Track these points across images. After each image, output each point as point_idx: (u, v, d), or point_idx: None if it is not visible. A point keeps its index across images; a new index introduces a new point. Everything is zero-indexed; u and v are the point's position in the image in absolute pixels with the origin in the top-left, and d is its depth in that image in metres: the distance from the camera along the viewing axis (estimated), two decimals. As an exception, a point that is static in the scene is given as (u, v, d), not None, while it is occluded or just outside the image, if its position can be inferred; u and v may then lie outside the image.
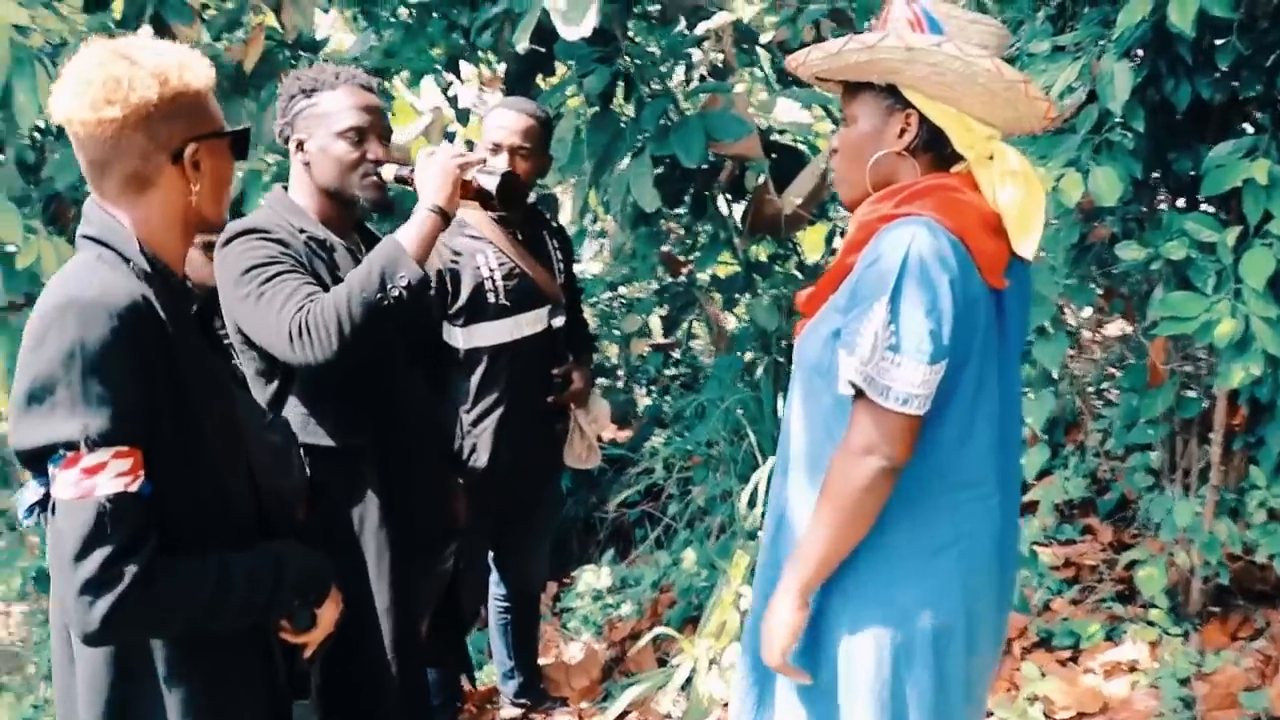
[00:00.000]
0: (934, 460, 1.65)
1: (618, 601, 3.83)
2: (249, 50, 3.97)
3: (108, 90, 1.44)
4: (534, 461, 2.92)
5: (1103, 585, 3.22)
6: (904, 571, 1.67)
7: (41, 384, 1.35)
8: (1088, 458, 3.56)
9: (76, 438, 1.34)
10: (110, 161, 1.47)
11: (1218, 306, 2.40)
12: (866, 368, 1.56)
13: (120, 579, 1.36)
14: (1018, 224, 1.63)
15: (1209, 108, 2.57)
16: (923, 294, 1.55)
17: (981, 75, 1.57)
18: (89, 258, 1.46)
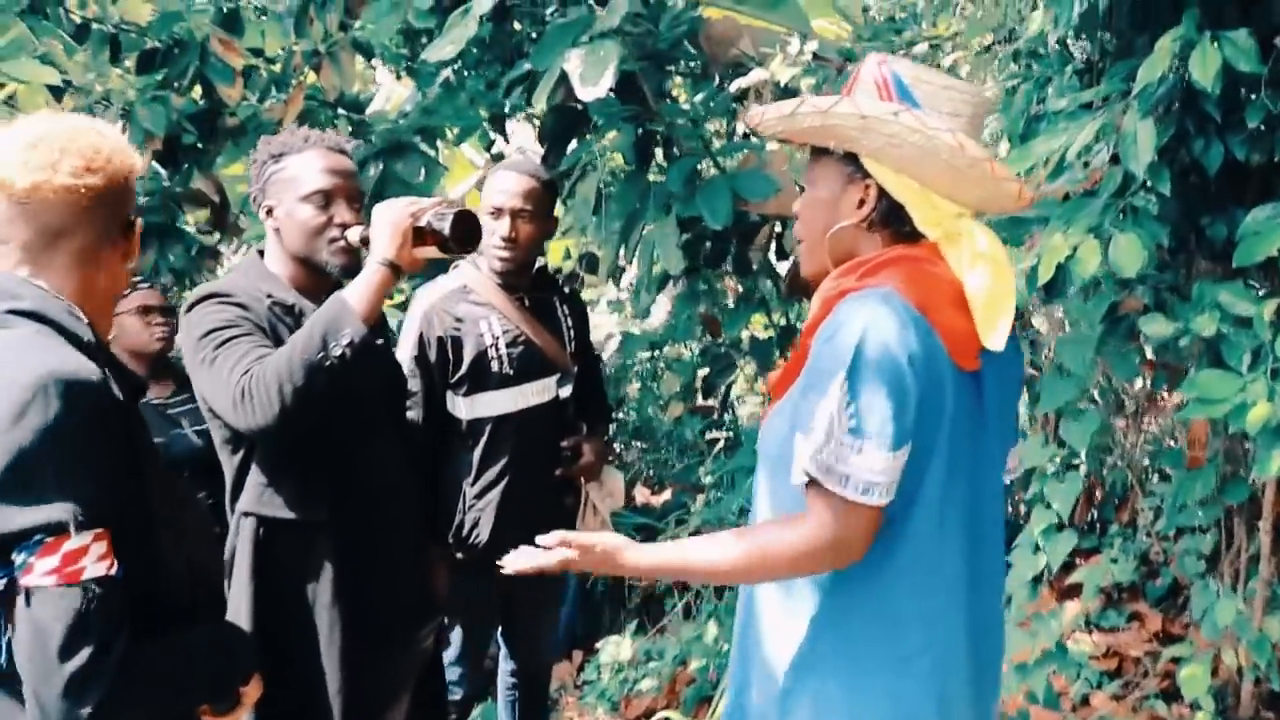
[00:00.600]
0: (901, 559, 1.51)
1: (638, 676, 3.69)
2: (288, 110, 4.02)
3: (88, 159, 1.41)
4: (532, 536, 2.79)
5: (1147, 681, 2.97)
6: (872, 685, 1.52)
7: (21, 463, 1.26)
8: (1138, 537, 3.32)
9: (64, 519, 1.27)
10: (70, 231, 1.42)
11: (1252, 387, 2.19)
12: (821, 455, 1.43)
13: (108, 671, 1.29)
14: (985, 313, 1.50)
15: (1246, 169, 2.38)
16: (883, 372, 1.42)
17: (943, 150, 1.46)
18: (27, 334, 1.37)
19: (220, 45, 3.87)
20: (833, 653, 1.52)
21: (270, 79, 4.17)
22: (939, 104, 1.52)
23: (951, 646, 1.55)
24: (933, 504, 1.51)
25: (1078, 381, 2.53)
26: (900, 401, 1.42)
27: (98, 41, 4.21)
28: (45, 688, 1.27)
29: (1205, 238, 2.46)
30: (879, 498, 1.43)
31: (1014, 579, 2.58)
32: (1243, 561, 2.72)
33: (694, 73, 4.10)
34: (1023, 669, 2.60)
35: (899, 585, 1.52)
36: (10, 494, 1.26)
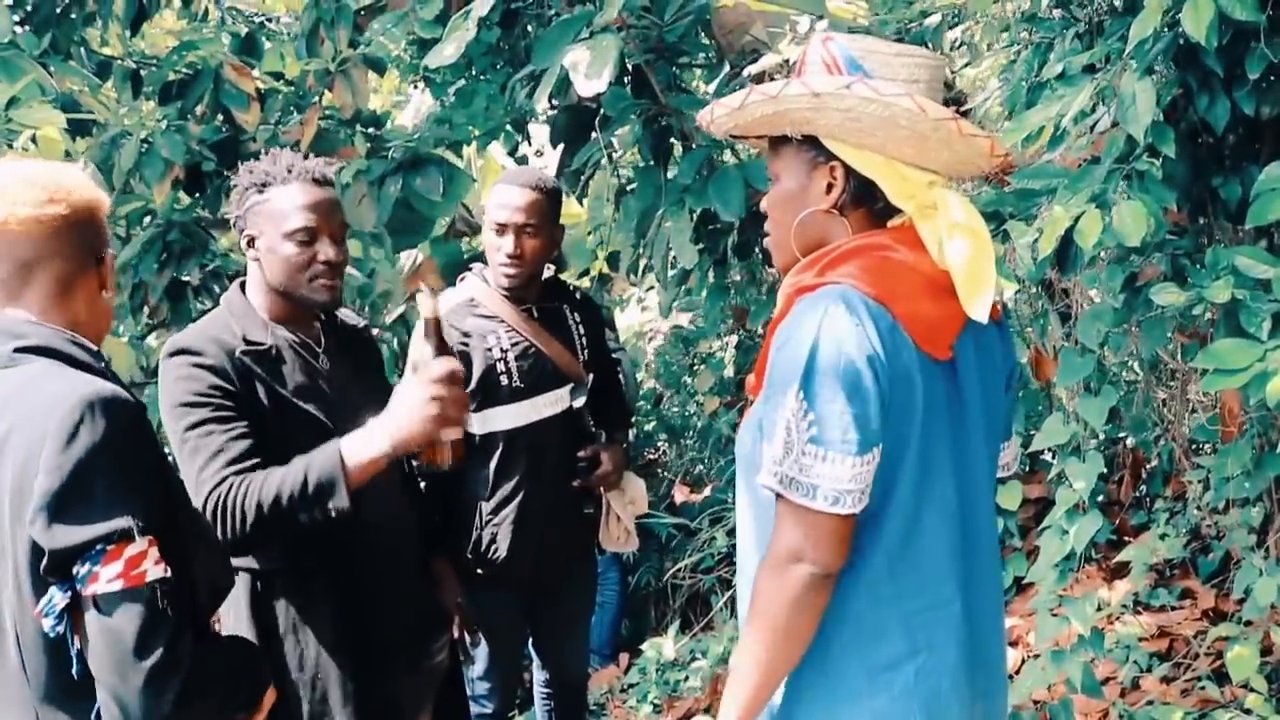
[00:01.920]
0: (876, 564, 1.45)
1: (682, 676, 3.65)
2: (305, 130, 4.04)
3: (49, 191, 1.47)
4: (560, 549, 2.77)
5: (1199, 662, 2.85)
6: (852, 699, 1.46)
7: (78, 480, 1.34)
8: (1189, 511, 3.19)
9: (127, 526, 1.35)
10: (40, 261, 1.48)
11: (1273, 355, 2.07)
12: (782, 467, 1.38)
13: (182, 664, 1.38)
14: (966, 282, 1.43)
15: (1258, 124, 2.25)
16: (839, 377, 1.36)
17: (903, 116, 1.40)
18: (40, 368, 1.44)
19: (233, 71, 3.91)
20: (808, 666, 1.45)
21: (287, 101, 4.20)
22: (894, 72, 1.47)
23: (940, 650, 1.48)
24: (906, 504, 1.45)
25: (1093, 357, 2.42)
26: (861, 405, 1.37)
27: (121, 78, 4.29)
28: (125, 687, 1.35)
29: (1220, 199, 2.34)
30: (850, 507, 1.37)
31: (1042, 564, 2.48)
32: (1288, 535, 2.59)
33: (709, 63, 4.04)
34: (1058, 655, 2.50)
35: (874, 590, 1.46)
36: (71, 510, 1.34)
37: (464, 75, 4.35)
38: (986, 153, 1.47)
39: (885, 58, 1.48)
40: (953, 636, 1.48)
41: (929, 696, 1.46)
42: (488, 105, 4.26)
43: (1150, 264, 2.47)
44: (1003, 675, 1.64)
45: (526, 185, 2.62)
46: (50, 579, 1.36)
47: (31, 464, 1.35)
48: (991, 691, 1.58)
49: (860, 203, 1.51)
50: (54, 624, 1.36)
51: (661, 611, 4.24)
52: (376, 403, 2.28)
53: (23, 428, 1.37)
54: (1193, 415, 3.37)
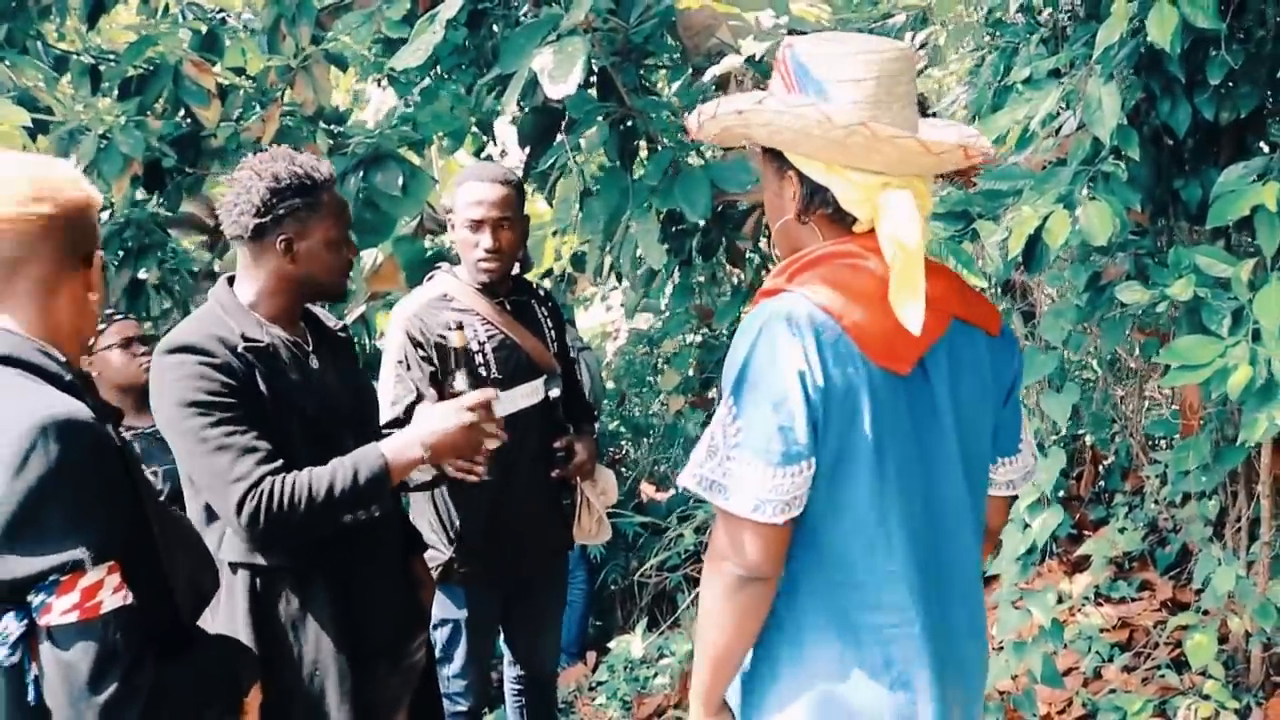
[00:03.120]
0: (843, 576, 1.45)
1: (650, 674, 3.67)
2: (267, 127, 4.00)
3: (36, 188, 1.42)
4: (537, 540, 2.79)
5: (1158, 651, 2.92)
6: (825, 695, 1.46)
7: (30, 509, 1.29)
8: (1146, 505, 3.27)
9: (80, 557, 1.31)
10: (26, 260, 1.42)
11: (1233, 351, 2.14)
12: (703, 469, 1.40)
13: (139, 697, 1.33)
14: (894, 294, 1.38)
15: (1217, 128, 2.32)
16: (769, 386, 1.36)
17: (813, 126, 1.38)
18: (5, 380, 1.38)
19: (194, 68, 3.87)
20: (787, 660, 1.48)
21: (249, 98, 4.15)
22: (839, 74, 1.42)
23: (911, 665, 1.46)
24: (865, 519, 1.43)
25: (1056, 355, 2.47)
26: (787, 418, 1.36)
27: (78, 72, 4.22)
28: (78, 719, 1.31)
29: (1181, 201, 2.41)
30: (771, 516, 1.36)
31: (1004, 557, 2.53)
32: (1245, 525, 2.67)
33: (673, 64, 4.06)
34: (1020, 647, 2.56)
35: (850, 600, 1.46)
36: (22, 540, 1.29)
37: (429, 75, 4.33)
38: (920, 151, 1.40)
39: (831, 59, 1.43)
40: (924, 651, 1.47)
41: (900, 706, 1.45)
42: (452, 106, 4.25)
43: (1113, 263, 2.54)
44: (980, 684, 1.62)
45: (497, 180, 2.65)
46: (5, 606, 1.32)
47: None
48: (968, 700, 1.56)
49: (820, 208, 1.48)
50: (8, 653, 1.32)
51: (628, 610, 4.26)
52: (361, 402, 2.29)
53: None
54: (1149, 412, 3.46)
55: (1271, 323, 2.06)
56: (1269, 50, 2.16)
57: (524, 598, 2.86)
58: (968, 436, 1.51)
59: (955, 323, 1.49)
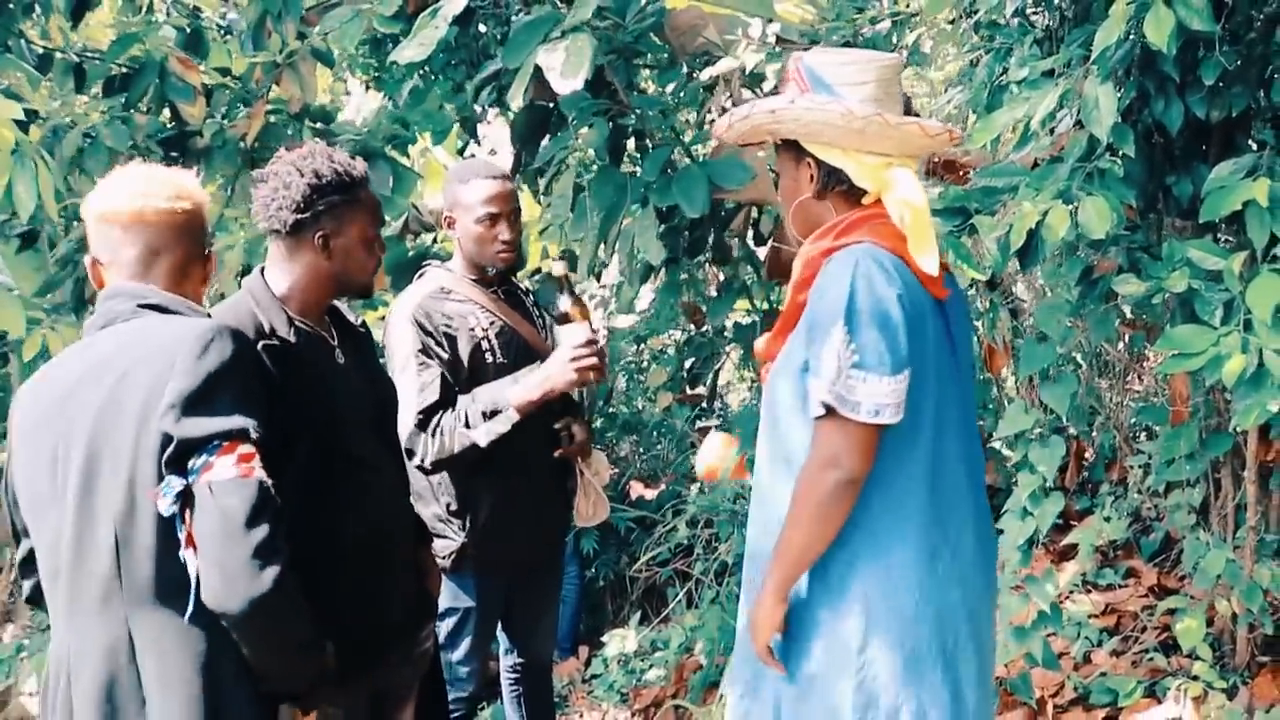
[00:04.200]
0: (913, 469, 1.73)
1: (645, 667, 3.71)
2: (251, 124, 4.00)
3: (178, 189, 1.75)
4: (543, 523, 2.84)
5: (1146, 635, 3.01)
6: (901, 578, 1.72)
7: (208, 384, 1.55)
8: (1130, 495, 3.36)
9: (243, 426, 1.55)
10: (167, 249, 1.72)
11: (1226, 340, 2.22)
12: (835, 387, 1.64)
13: (283, 550, 1.54)
14: (914, 245, 1.73)
15: (1208, 126, 2.41)
16: (874, 311, 1.65)
17: (837, 119, 1.72)
18: (160, 319, 1.66)
19: (179, 64, 3.86)
20: (866, 553, 1.72)
21: (235, 96, 4.15)
22: (845, 79, 1.76)
23: (964, 541, 1.77)
24: (930, 415, 1.73)
25: (1054, 345, 2.55)
26: (892, 333, 1.64)
27: (62, 71, 4.20)
28: (231, 556, 1.50)
29: (1173, 196, 2.49)
30: (889, 417, 1.64)
31: (1006, 544, 2.61)
32: (1230, 511, 2.76)
33: (661, 64, 4.11)
34: (1020, 632, 2.63)
35: (912, 489, 1.73)
36: (199, 407, 1.54)
37: (417, 73, 4.35)
38: (920, 134, 1.75)
39: (836, 66, 1.78)
40: (970, 534, 1.79)
41: (961, 573, 1.76)
42: (441, 104, 4.27)
43: (1104, 257, 2.62)
44: (995, 573, 1.94)
45: (503, 176, 2.79)
46: (168, 470, 1.52)
47: (161, 380, 1.54)
48: (992, 584, 1.91)
49: (835, 187, 1.81)
50: (171, 503, 1.51)
51: (619, 605, 4.30)
52: (383, 398, 2.32)
53: (149, 359, 1.56)
54: (1131, 405, 3.56)
55: (1263, 313, 2.14)
56: (1259, 52, 2.24)
57: (525, 584, 2.91)
58: (966, 356, 1.89)
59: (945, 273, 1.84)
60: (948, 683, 1.71)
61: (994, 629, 1.89)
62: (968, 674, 1.75)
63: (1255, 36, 2.25)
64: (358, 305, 4.60)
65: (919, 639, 1.70)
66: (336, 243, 2.09)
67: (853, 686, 1.72)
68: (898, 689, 1.70)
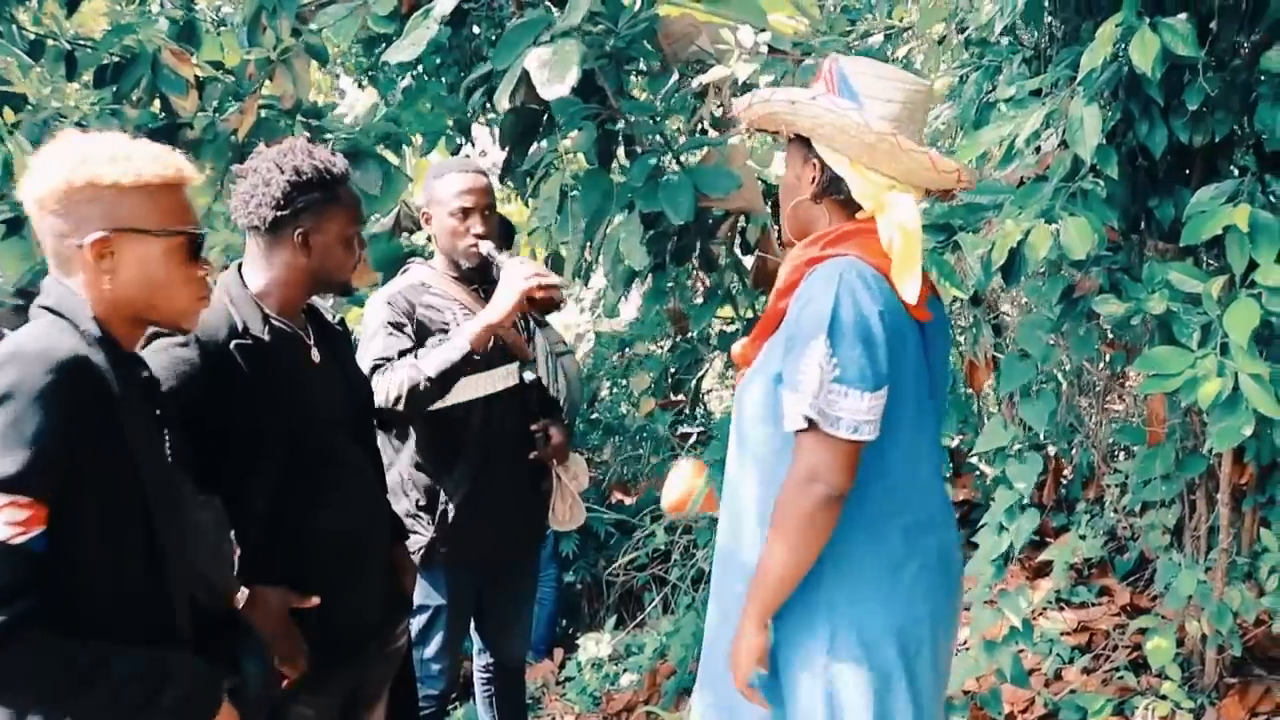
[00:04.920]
0: (886, 484, 1.74)
1: (618, 671, 3.72)
2: (244, 119, 4.00)
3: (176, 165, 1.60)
4: (517, 523, 2.85)
5: (1117, 653, 3.03)
6: (870, 593, 1.73)
7: None
8: (1106, 514, 3.38)
9: None
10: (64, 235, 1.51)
11: (1203, 363, 2.24)
12: (816, 400, 1.63)
13: (25, 633, 1.32)
14: (897, 271, 1.71)
15: (1190, 151, 2.43)
16: (856, 326, 1.64)
17: (851, 128, 1.69)
18: (42, 323, 1.49)
19: (172, 57, 3.85)
20: (831, 567, 1.71)
21: (227, 90, 4.15)
22: (874, 92, 1.74)
23: (929, 555, 1.78)
24: (908, 436, 1.75)
25: (1035, 363, 2.57)
26: (873, 349, 1.64)
27: (53, 58, 4.19)
28: None
29: (1154, 219, 2.51)
30: (868, 434, 1.64)
31: (980, 559, 2.62)
32: (1204, 532, 2.78)
33: (652, 71, 4.12)
34: (991, 646, 2.65)
35: (886, 506, 1.74)
36: None
37: (411, 73, 4.35)
38: (929, 167, 1.72)
39: (870, 78, 1.76)
40: (935, 543, 1.80)
41: (927, 588, 1.76)
42: (433, 105, 4.27)
43: (1086, 277, 2.64)
44: (961, 584, 1.94)
45: (478, 171, 2.82)
46: None
47: None
48: (959, 593, 1.92)
49: (830, 193, 1.80)
50: None
51: (595, 609, 4.30)
52: (359, 397, 2.32)
53: None
54: (1110, 424, 3.58)
55: (1240, 337, 2.16)
56: (1242, 79, 2.26)
57: (498, 584, 2.92)
58: (941, 376, 1.89)
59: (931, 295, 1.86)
60: (910, 697, 1.72)
61: (953, 645, 1.90)
62: (928, 689, 1.76)
63: (1239, 63, 2.27)
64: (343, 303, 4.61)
65: (885, 654, 1.71)
66: (315, 240, 2.08)
67: (820, 701, 1.72)
68: (864, 704, 1.70)
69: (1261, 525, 2.65)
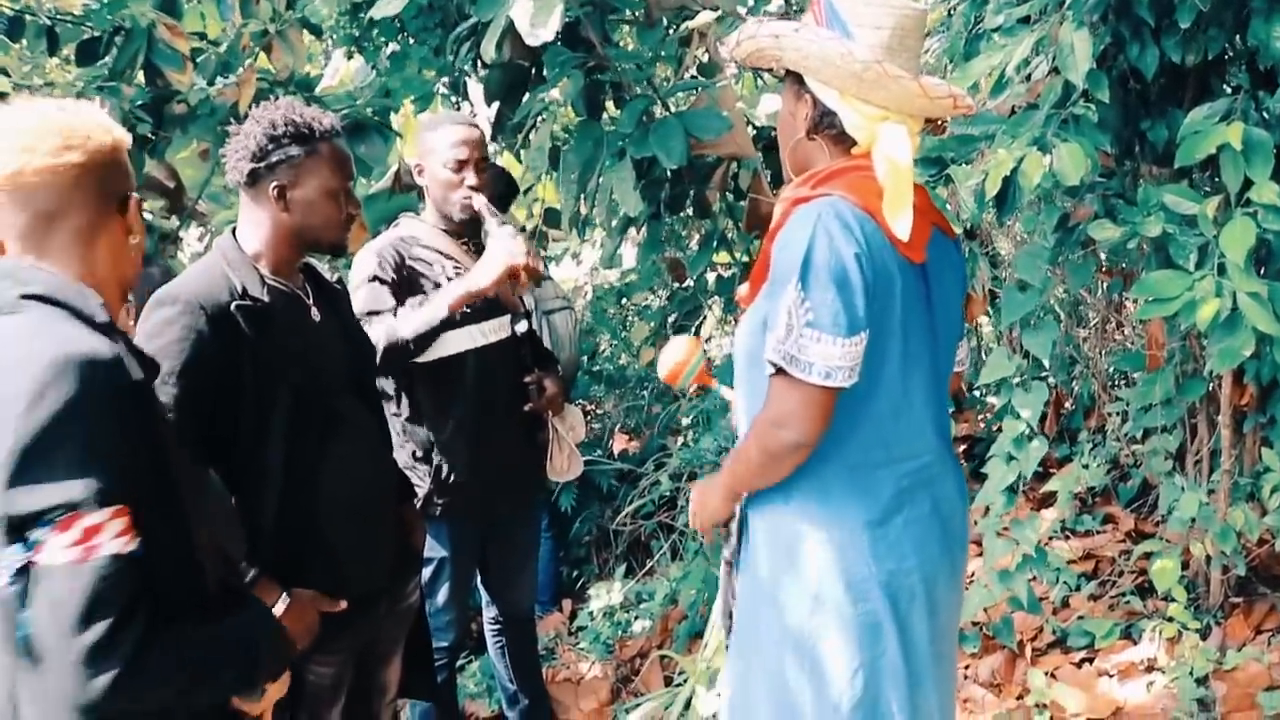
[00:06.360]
0: (871, 431, 1.70)
1: (630, 619, 3.75)
2: (242, 92, 3.96)
3: (65, 137, 1.40)
4: (514, 476, 2.86)
5: (1122, 579, 3.06)
6: (853, 541, 1.69)
7: (40, 443, 1.27)
8: (1108, 443, 3.40)
9: (81, 498, 1.28)
10: (62, 212, 1.42)
11: (1200, 284, 2.24)
12: (784, 345, 1.60)
13: (123, 645, 1.29)
14: (888, 206, 1.64)
15: (1183, 71, 2.41)
16: (831, 269, 1.58)
17: (835, 57, 1.63)
18: (39, 317, 1.38)
19: (167, 31, 3.82)
20: (815, 512, 1.71)
21: (219, 62, 4.12)
22: (862, 19, 1.67)
23: (919, 504, 1.73)
24: (894, 383, 1.69)
25: (1035, 293, 2.56)
26: (849, 294, 1.58)
27: (34, 34, 4.15)
28: (61, 661, 1.28)
29: (1148, 142, 2.50)
30: (842, 380, 1.59)
31: (990, 489, 2.64)
32: (1205, 455, 2.79)
33: (638, 20, 4.09)
34: (1005, 575, 2.67)
35: (873, 454, 1.71)
36: (30, 473, 1.27)
37: (396, 38, 4.31)
38: (919, 94, 1.66)
39: (857, 6, 1.68)
40: (928, 493, 1.75)
41: (916, 538, 1.72)
42: (420, 69, 4.24)
43: (1081, 205, 2.63)
44: (965, 537, 1.89)
45: (470, 124, 2.79)
46: (7, 541, 1.29)
47: (3, 423, 1.28)
48: (961, 546, 1.85)
49: (823, 129, 1.74)
50: (9, 581, 1.30)
51: (604, 559, 4.33)
52: (361, 354, 2.32)
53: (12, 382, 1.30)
54: (1109, 353, 3.59)
55: (1237, 256, 2.16)
56: (1234, -7, 2.24)
57: (500, 537, 2.95)
58: (947, 320, 1.81)
59: (934, 229, 1.77)
60: (901, 647, 1.69)
61: (959, 592, 1.86)
62: (920, 640, 1.71)
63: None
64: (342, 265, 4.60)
65: (870, 604, 1.67)
66: (294, 195, 2.06)
67: (806, 651, 1.70)
68: (850, 654, 1.68)
69: (1263, 445, 2.66)
